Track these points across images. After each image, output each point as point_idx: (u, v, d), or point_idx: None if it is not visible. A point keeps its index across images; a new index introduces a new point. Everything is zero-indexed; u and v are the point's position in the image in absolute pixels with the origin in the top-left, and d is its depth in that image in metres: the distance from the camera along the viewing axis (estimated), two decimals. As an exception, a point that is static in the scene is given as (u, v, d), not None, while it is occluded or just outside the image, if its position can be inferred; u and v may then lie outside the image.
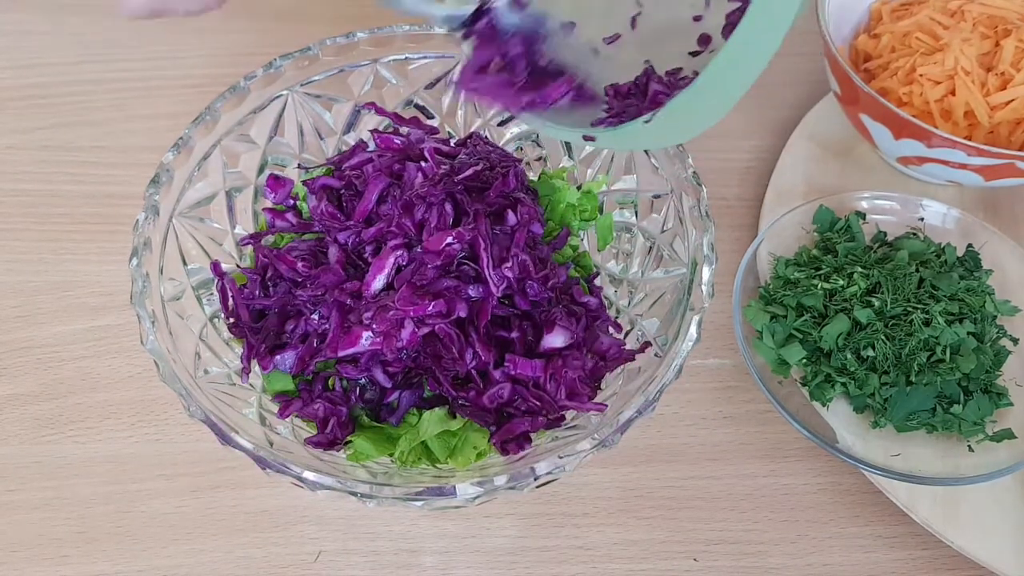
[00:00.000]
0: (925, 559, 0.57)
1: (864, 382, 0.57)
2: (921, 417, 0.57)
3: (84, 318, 0.63)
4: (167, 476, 0.58)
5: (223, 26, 0.75)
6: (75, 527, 0.57)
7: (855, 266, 0.59)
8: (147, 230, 0.52)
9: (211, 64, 0.73)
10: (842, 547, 0.58)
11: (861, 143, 0.71)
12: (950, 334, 0.56)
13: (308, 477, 0.46)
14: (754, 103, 0.74)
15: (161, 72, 0.73)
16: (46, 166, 0.69)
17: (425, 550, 0.57)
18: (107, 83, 0.73)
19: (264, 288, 0.56)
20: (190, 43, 0.75)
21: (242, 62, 0.72)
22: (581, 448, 0.47)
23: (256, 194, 0.60)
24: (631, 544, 0.57)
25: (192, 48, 0.74)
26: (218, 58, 0.74)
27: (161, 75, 0.73)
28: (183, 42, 0.75)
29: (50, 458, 0.59)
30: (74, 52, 0.74)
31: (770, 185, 0.68)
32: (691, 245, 0.54)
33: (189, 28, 0.75)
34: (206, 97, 0.56)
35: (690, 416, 0.61)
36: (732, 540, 0.58)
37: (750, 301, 0.60)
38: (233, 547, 0.56)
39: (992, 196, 0.69)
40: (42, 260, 0.65)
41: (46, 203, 0.67)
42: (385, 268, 0.53)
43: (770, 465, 0.60)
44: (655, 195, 0.58)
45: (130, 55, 0.74)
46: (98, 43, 0.75)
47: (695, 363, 0.63)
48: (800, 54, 0.77)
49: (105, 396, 0.61)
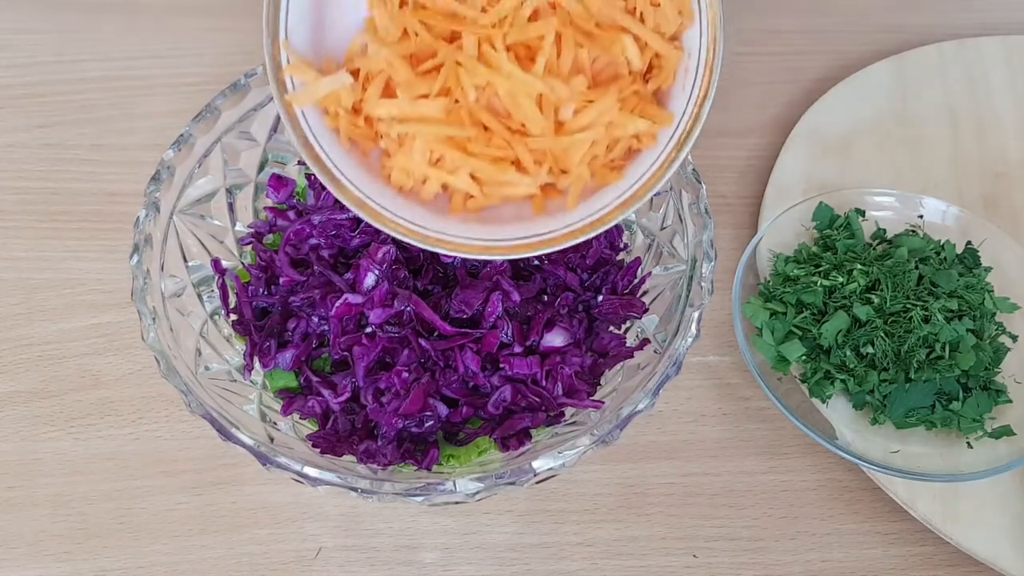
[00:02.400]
0: (924, 555, 0.57)
1: (863, 379, 0.57)
2: (920, 414, 0.57)
3: (85, 315, 0.63)
4: (168, 473, 0.58)
5: (225, 24, 0.75)
6: (76, 524, 0.57)
7: (855, 263, 0.60)
8: (148, 227, 0.52)
9: (212, 62, 0.73)
10: (841, 543, 0.58)
11: (860, 140, 0.71)
12: (949, 331, 0.56)
13: (309, 473, 0.46)
14: (754, 101, 0.74)
15: (162, 70, 0.73)
16: (47, 164, 0.69)
17: (425, 546, 0.57)
18: (108, 81, 0.73)
19: (267, 286, 0.56)
20: (191, 41, 0.75)
21: (243, 60, 0.72)
22: (581, 444, 0.47)
23: (257, 191, 0.60)
24: (631, 540, 0.57)
25: (193, 46, 0.74)
26: (219, 56, 0.74)
27: (162, 73, 0.73)
28: (184, 40, 0.75)
29: (51, 455, 0.59)
30: (75, 50, 0.74)
31: (770, 182, 0.68)
32: (691, 242, 0.54)
33: (191, 26, 0.75)
34: (207, 94, 0.56)
35: (689, 413, 0.62)
36: (731, 536, 0.58)
37: (750, 298, 0.60)
38: (234, 543, 0.57)
39: (992, 194, 0.69)
40: (43, 257, 0.65)
41: (47, 200, 0.67)
42: (374, 267, 0.53)
43: (769, 462, 0.60)
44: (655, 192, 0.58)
45: (131, 53, 0.74)
46: (99, 41, 0.75)
47: (694, 360, 0.63)
48: (800, 53, 0.77)
49: (106, 393, 0.61)
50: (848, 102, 0.72)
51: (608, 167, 0.47)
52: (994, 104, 0.73)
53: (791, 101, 0.74)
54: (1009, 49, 0.75)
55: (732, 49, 0.76)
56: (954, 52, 0.75)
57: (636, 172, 0.47)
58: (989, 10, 0.79)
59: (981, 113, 0.73)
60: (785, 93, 0.75)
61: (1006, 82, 0.74)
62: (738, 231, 0.68)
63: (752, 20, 0.78)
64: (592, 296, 0.57)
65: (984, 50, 0.75)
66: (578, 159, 0.46)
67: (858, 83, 0.72)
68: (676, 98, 0.47)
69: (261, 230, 0.59)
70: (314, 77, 0.46)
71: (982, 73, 0.74)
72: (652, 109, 0.46)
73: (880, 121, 0.71)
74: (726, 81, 0.74)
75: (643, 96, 0.46)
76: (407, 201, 0.48)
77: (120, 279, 0.64)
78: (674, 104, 0.47)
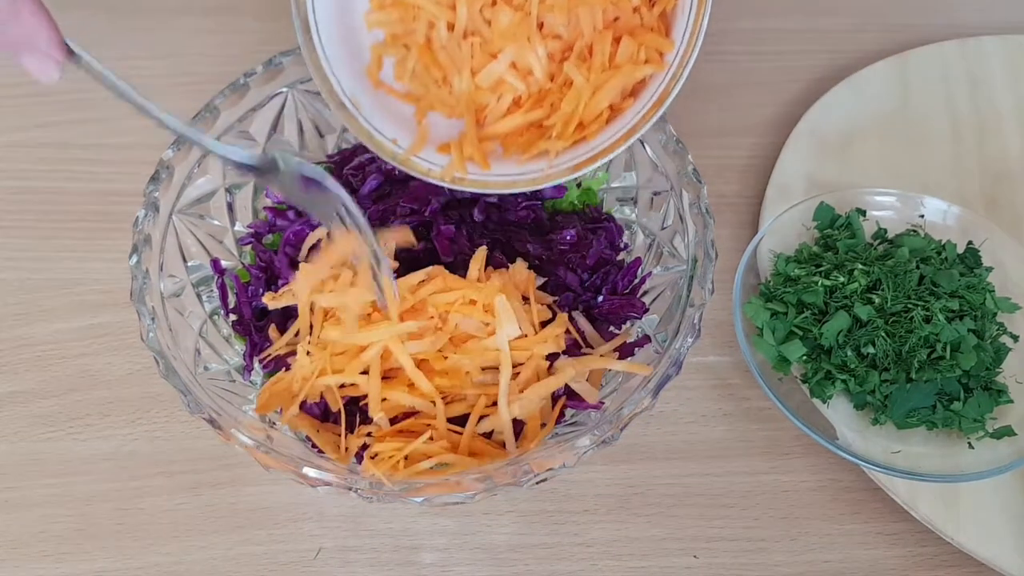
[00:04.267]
0: (925, 556, 0.57)
1: (864, 379, 0.56)
2: (921, 414, 0.57)
3: (84, 315, 0.63)
4: (167, 473, 0.58)
5: (225, 24, 0.75)
6: (75, 524, 0.57)
7: (855, 263, 0.59)
8: (147, 227, 0.52)
9: (211, 61, 0.73)
10: (842, 544, 0.58)
11: (861, 140, 0.71)
12: (950, 331, 0.56)
13: (309, 473, 0.46)
14: (754, 100, 0.74)
15: (162, 70, 0.73)
16: (46, 163, 0.69)
17: (425, 547, 0.57)
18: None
19: (267, 286, 0.56)
20: (190, 40, 0.74)
21: (242, 59, 0.72)
22: (581, 445, 0.47)
23: (256, 191, 0.60)
24: (631, 541, 0.57)
25: (192, 45, 0.74)
26: (218, 55, 0.73)
27: (161, 72, 0.73)
28: (183, 39, 0.74)
29: (50, 455, 0.59)
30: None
31: (770, 182, 0.68)
32: (691, 242, 0.54)
33: (191, 26, 0.75)
34: (206, 94, 0.56)
35: (690, 413, 0.61)
36: (732, 537, 0.58)
37: (750, 298, 0.60)
38: (233, 544, 0.56)
39: (993, 193, 0.69)
40: (42, 257, 0.65)
41: (46, 200, 0.67)
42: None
43: (770, 462, 0.60)
44: (655, 192, 0.58)
45: (131, 53, 0.74)
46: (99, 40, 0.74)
47: (695, 360, 0.63)
48: (800, 52, 0.77)
49: (105, 393, 0.61)
50: (849, 102, 0.71)
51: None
52: (995, 104, 0.73)
53: (792, 101, 0.74)
54: (1010, 48, 0.75)
55: (733, 49, 0.77)
56: (955, 52, 0.75)
57: (643, 98, 0.51)
58: (990, 10, 0.79)
59: (982, 113, 0.73)
60: (785, 93, 0.75)
61: (1007, 81, 0.74)
62: (739, 231, 0.68)
63: (752, 20, 0.78)
64: (592, 296, 0.57)
65: (985, 49, 0.75)
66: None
67: (859, 83, 0.72)
68: (679, 19, 0.50)
69: (260, 230, 0.59)
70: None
71: (983, 73, 0.74)
72: (653, 39, 0.50)
73: (881, 121, 0.71)
74: (727, 81, 0.75)
75: (647, 25, 0.50)
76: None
77: (119, 279, 0.64)
78: (676, 26, 0.50)
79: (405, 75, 0.55)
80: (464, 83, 0.52)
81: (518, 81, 0.52)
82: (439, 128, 0.54)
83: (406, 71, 0.54)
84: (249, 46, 0.74)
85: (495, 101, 0.53)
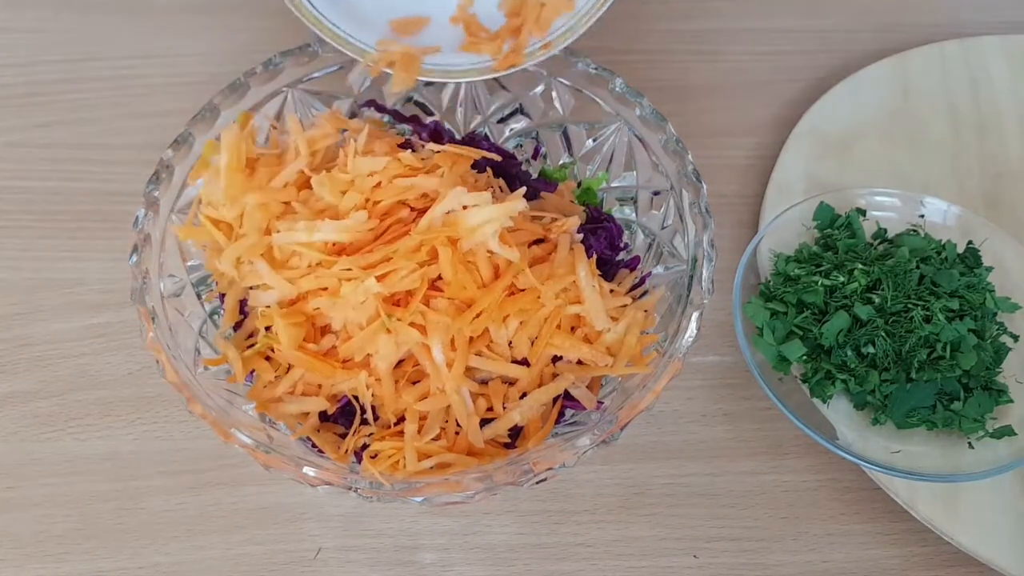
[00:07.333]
0: (925, 556, 0.57)
1: (864, 379, 0.56)
2: (921, 414, 0.57)
3: (84, 315, 0.63)
4: (167, 473, 0.58)
5: (223, 23, 0.75)
6: (75, 524, 0.57)
7: (855, 263, 0.59)
8: (147, 227, 0.52)
9: (211, 61, 0.73)
10: (842, 544, 0.58)
11: (861, 140, 0.71)
12: (950, 331, 0.56)
13: (309, 473, 0.46)
14: (754, 100, 0.74)
15: (161, 69, 0.73)
16: (46, 163, 0.69)
17: (425, 547, 0.57)
18: (107, 80, 0.73)
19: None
20: (190, 40, 0.74)
21: (242, 59, 0.72)
22: (581, 444, 0.47)
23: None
24: (631, 541, 0.57)
25: (192, 45, 0.74)
26: (218, 55, 0.74)
27: (161, 72, 0.73)
28: (183, 39, 0.75)
29: (50, 455, 0.59)
30: (75, 49, 0.74)
31: (770, 182, 0.68)
32: (691, 241, 0.54)
33: (191, 26, 0.75)
34: (206, 94, 0.56)
35: (690, 413, 0.61)
36: (732, 537, 0.58)
37: (750, 298, 0.60)
38: (233, 544, 0.56)
39: (993, 193, 0.69)
40: (41, 257, 0.65)
41: (46, 200, 0.67)
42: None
43: (770, 462, 0.60)
44: (655, 192, 0.58)
45: (131, 52, 0.74)
46: (99, 40, 0.74)
47: (695, 360, 0.63)
48: (800, 52, 0.77)
49: (105, 393, 0.61)
50: (849, 101, 0.71)
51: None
52: (995, 103, 0.73)
53: (791, 100, 0.74)
54: (1010, 48, 0.75)
55: (733, 49, 0.77)
56: (955, 51, 0.74)
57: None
58: (990, 9, 0.79)
59: (982, 112, 0.73)
60: (785, 92, 0.75)
61: (1008, 81, 0.74)
62: (739, 231, 0.68)
63: (752, 20, 0.78)
64: None
65: (985, 49, 0.75)
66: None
67: (859, 82, 0.72)
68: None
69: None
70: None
71: (983, 72, 0.74)
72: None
73: (881, 120, 0.71)
74: (727, 81, 0.75)
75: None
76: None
77: (119, 279, 0.64)
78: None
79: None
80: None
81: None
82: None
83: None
84: (248, 46, 0.74)
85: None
